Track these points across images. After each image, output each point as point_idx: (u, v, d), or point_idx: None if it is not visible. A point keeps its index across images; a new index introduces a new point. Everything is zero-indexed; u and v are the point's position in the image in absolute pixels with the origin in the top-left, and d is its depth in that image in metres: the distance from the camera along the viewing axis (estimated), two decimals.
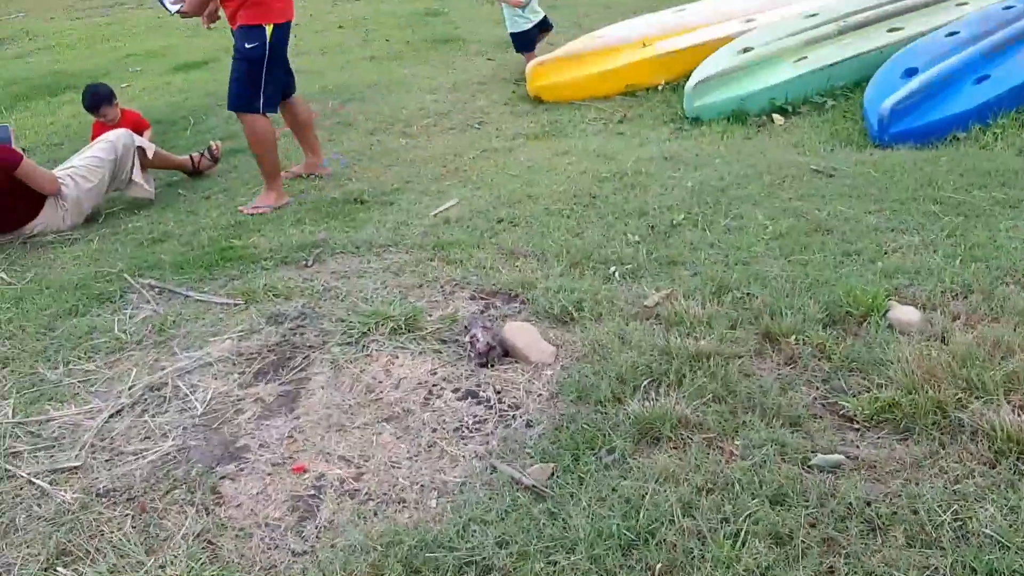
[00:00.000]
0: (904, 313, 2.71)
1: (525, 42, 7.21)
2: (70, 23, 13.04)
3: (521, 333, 2.81)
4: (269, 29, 4.23)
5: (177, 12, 4.46)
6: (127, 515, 2.20)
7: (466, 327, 2.90)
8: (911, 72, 5.04)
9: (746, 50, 5.95)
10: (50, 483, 2.35)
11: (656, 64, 6.47)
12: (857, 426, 2.28)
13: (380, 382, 2.69)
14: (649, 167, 4.48)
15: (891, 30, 5.97)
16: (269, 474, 2.32)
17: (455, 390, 2.63)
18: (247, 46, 4.24)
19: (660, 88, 6.38)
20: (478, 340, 2.75)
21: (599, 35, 7.14)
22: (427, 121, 6.06)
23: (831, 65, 5.67)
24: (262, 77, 4.29)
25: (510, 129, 5.77)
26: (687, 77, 5.85)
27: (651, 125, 5.68)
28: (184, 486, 2.29)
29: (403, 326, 2.95)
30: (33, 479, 2.36)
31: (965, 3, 6.27)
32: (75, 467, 2.41)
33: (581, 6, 10.37)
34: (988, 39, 5.14)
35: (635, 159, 4.68)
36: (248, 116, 4.37)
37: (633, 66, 6.49)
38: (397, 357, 2.82)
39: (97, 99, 5.41)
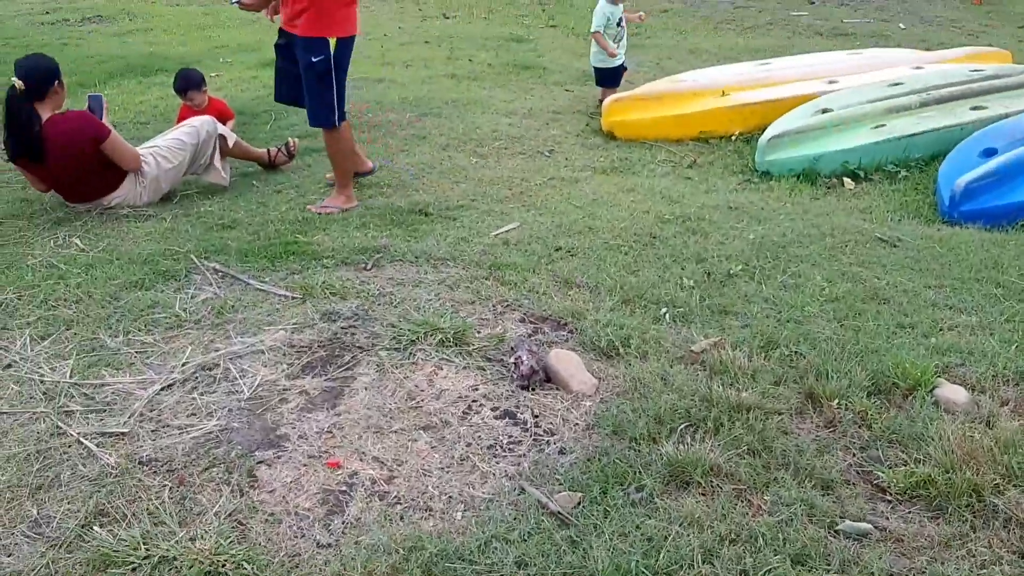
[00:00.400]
0: (952, 392, 2.69)
1: (613, 78, 7.30)
2: (169, 8, 13.48)
3: (565, 361, 2.85)
4: (333, 42, 4.23)
5: (236, 3, 4.48)
6: (165, 485, 2.28)
7: (512, 348, 2.94)
8: (990, 152, 4.98)
9: (825, 111, 5.93)
10: (97, 445, 2.45)
11: (732, 114, 6.49)
12: (889, 498, 2.27)
13: (422, 391, 2.75)
14: (713, 214, 4.49)
15: (974, 108, 5.90)
16: (304, 465, 2.39)
17: (494, 408, 2.67)
18: (313, 59, 4.23)
19: (733, 138, 6.39)
20: (522, 362, 2.80)
21: (680, 79, 7.18)
22: (499, 143, 6.14)
23: (909, 136, 5.62)
24: (332, 90, 4.31)
25: (579, 160, 5.83)
26: (762, 130, 5.85)
27: (720, 173, 5.69)
28: (223, 465, 2.36)
29: (451, 339, 3.01)
30: (82, 439, 2.47)
31: None
32: (122, 433, 2.51)
33: (665, 49, 10.43)
34: None
35: (700, 205, 4.69)
36: (329, 131, 4.44)
37: (709, 113, 6.51)
38: (441, 369, 2.87)
39: (188, 83, 5.60)
